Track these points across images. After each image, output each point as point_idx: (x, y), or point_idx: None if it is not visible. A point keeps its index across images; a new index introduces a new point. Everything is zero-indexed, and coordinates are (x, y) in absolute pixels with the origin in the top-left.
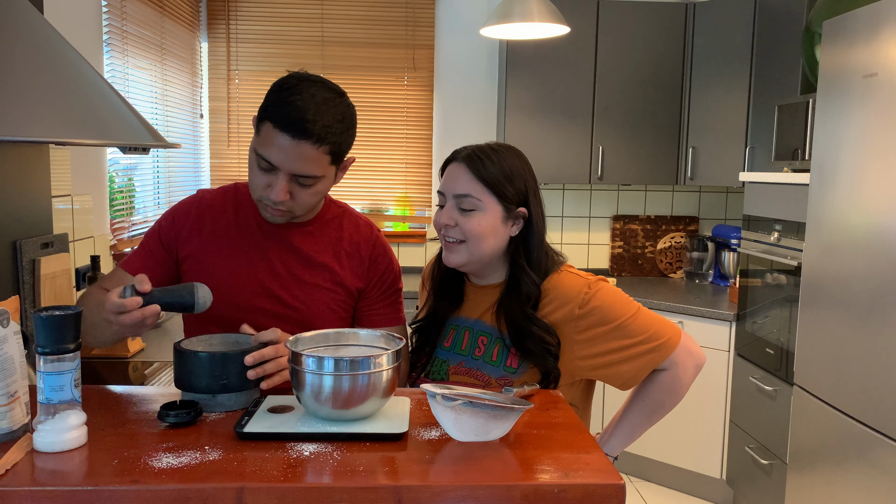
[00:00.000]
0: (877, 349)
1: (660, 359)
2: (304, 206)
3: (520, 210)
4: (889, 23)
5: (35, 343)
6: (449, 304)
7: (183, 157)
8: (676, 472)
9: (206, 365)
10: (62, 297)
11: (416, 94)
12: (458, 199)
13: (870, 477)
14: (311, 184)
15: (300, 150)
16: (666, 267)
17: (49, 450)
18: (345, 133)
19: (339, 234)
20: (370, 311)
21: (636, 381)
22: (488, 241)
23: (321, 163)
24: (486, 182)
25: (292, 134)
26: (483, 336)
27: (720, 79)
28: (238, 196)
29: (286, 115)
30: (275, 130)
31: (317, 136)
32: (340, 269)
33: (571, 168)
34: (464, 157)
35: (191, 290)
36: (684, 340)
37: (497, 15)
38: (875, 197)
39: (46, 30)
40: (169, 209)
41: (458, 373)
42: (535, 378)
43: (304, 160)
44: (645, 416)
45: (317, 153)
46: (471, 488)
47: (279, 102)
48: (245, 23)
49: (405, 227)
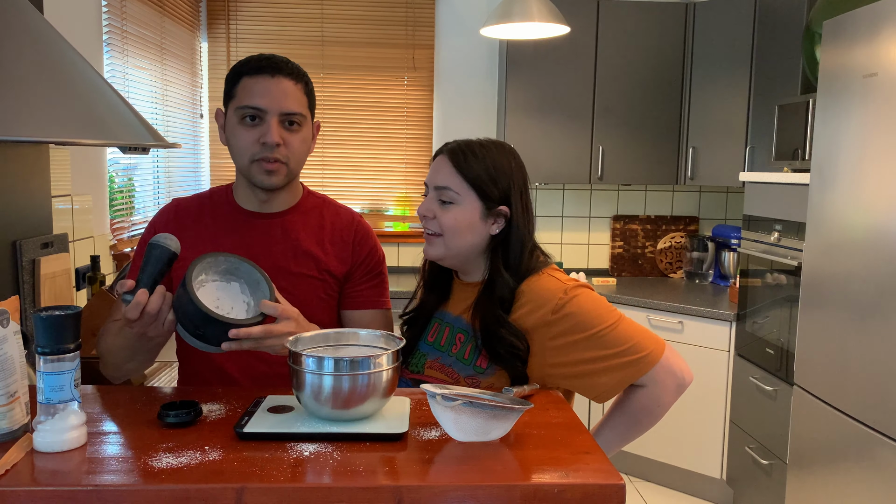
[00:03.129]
0: (877, 349)
1: (637, 374)
2: (296, 157)
3: (501, 208)
4: (889, 23)
5: (35, 343)
6: (437, 298)
7: (183, 157)
8: (676, 472)
9: (195, 312)
10: (62, 297)
11: (416, 94)
12: (438, 191)
13: (870, 477)
14: (297, 128)
15: (281, 85)
16: (666, 267)
17: (49, 450)
18: (311, 84)
19: (321, 222)
20: (353, 292)
21: (611, 394)
22: (464, 236)
23: (302, 101)
24: (466, 177)
25: (270, 73)
26: (460, 333)
27: (720, 79)
28: (214, 197)
29: (258, 62)
30: (252, 78)
31: (290, 71)
32: (325, 257)
33: (571, 168)
34: (449, 149)
35: (158, 246)
36: (668, 357)
37: (497, 15)
38: (875, 197)
39: (46, 30)
40: (148, 223)
41: (433, 368)
42: (504, 381)
43: (288, 96)
44: (619, 434)
45: (296, 89)
46: (471, 488)
47: (247, 60)
48: (245, 23)
49: (405, 227)
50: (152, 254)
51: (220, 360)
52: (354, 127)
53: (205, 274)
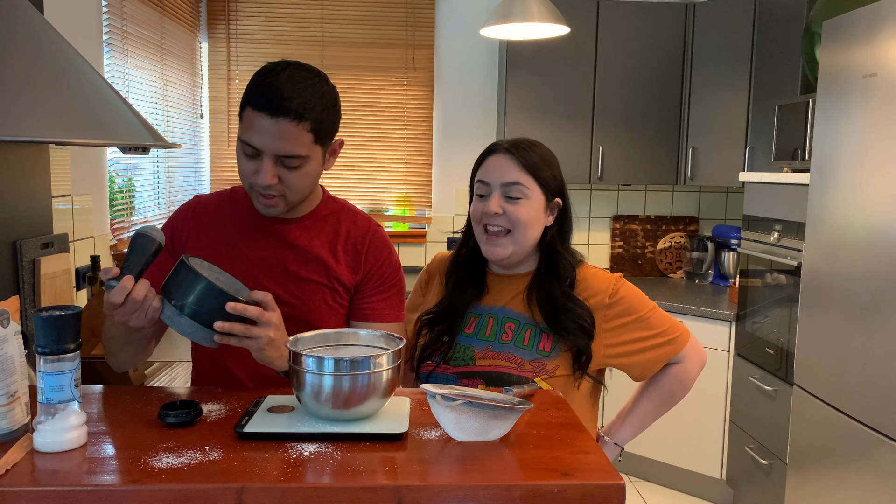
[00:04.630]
0: (877, 349)
1: (674, 352)
2: (295, 191)
3: (556, 200)
4: (889, 23)
5: (35, 343)
6: (472, 294)
7: (183, 157)
8: (676, 472)
9: (190, 284)
10: (62, 297)
11: (416, 94)
12: (505, 188)
13: (870, 477)
14: (296, 165)
15: (280, 128)
16: (666, 267)
17: (49, 450)
18: (326, 111)
19: (337, 229)
20: (364, 304)
21: (651, 371)
22: (533, 229)
23: (303, 141)
24: (532, 172)
25: (270, 113)
26: (510, 322)
27: (720, 79)
28: (234, 196)
29: (263, 95)
30: (254, 113)
31: (294, 112)
32: (336, 265)
33: (571, 168)
34: (507, 147)
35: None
36: (692, 339)
37: (497, 15)
38: (875, 197)
39: (46, 30)
40: (168, 219)
41: (487, 357)
42: (567, 362)
43: (285, 139)
44: (655, 406)
45: (297, 130)
46: (471, 488)
47: (257, 86)
48: (245, 23)
49: (405, 227)
50: (138, 242)
51: (228, 364)
52: (354, 127)
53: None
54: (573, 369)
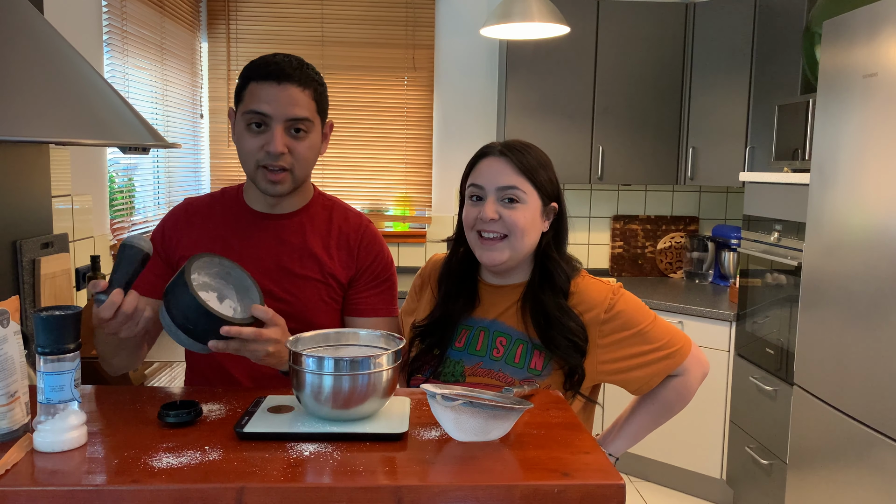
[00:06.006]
0: (877, 349)
1: (674, 365)
2: (302, 163)
3: (552, 205)
4: (889, 23)
5: (35, 343)
6: (463, 305)
7: (183, 157)
8: (676, 472)
9: (190, 303)
10: (62, 297)
11: (416, 94)
12: (500, 192)
13: (870, 477)
14: (303, 134)
15: (288, 92)
16: (666, 267)
17: (49, 450)
18: (321, 86)
19: (329, 225)
20: (358, 298)
21: (650, 386)
22: (530, 235)
23: (309, 107)
24: (529, 175)
25: (277, 80)
26: (501, 337)
27: (720, 79)
28: (225, 196)
29: (266, 68)
30: (259, 84)
31: (298, 78)
32: (330, 261)
33: (571, 168)
34: (501, 150)
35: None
36: (694, 349)
37: (497, 15)
38: (875, 197)
39: (46, 30)
40: (159, 222)
41: (476, 374)
42: (559, 381)
43: (293, 103)
44: (652, 418)
45: (303, 96)
46: (471, 488)
47: (257, 64)
48: (245, 23)
49: (405, 227)
50: (125, 253)
51: (225, 363)
52: (354, 127)
53: (197, 273)
54: (565, 388)
